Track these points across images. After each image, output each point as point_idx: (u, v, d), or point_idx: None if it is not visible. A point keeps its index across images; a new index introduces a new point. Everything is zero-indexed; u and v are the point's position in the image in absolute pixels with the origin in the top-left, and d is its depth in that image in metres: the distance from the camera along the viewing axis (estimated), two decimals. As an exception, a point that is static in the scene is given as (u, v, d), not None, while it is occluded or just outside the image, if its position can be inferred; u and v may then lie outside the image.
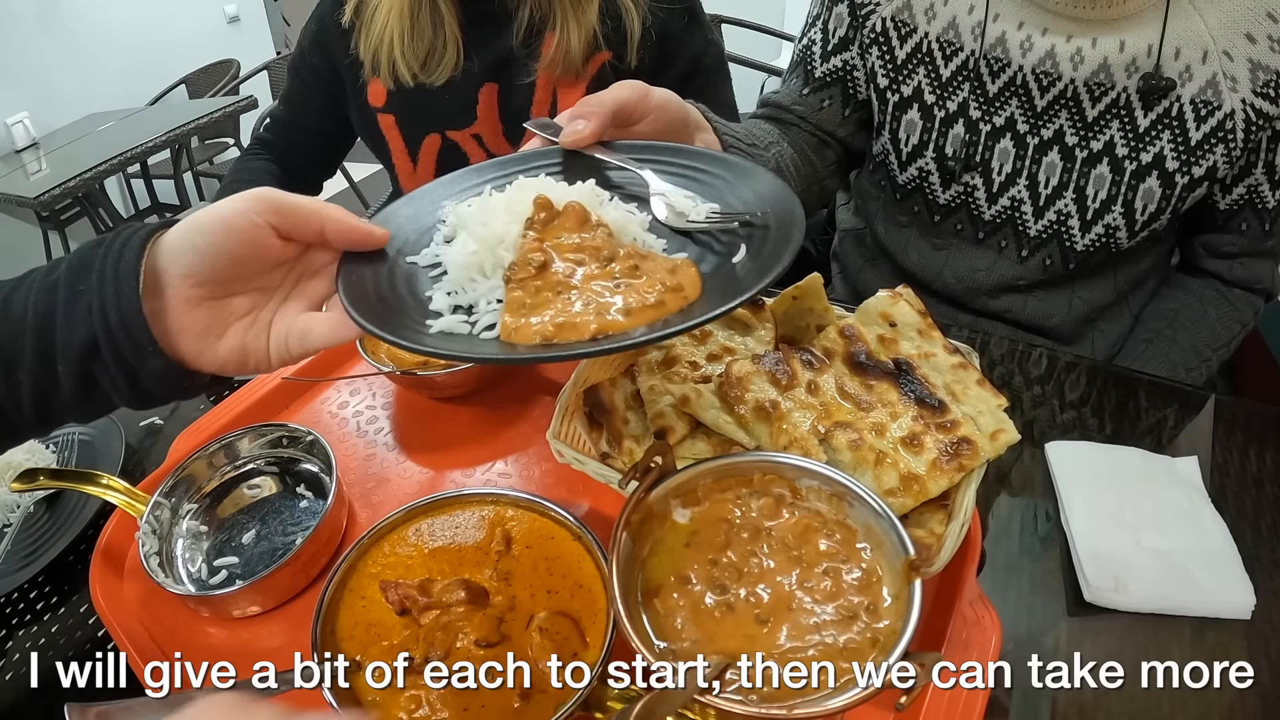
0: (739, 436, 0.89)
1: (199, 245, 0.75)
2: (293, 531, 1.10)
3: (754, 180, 0.86)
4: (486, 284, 0.78)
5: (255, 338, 0.80)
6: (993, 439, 0.87)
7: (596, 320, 0.71)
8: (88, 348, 0.73)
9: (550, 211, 0.82)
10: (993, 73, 1.39)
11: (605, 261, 0.77)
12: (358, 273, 0.79)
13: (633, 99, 0.95)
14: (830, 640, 0.62)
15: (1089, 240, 1.46)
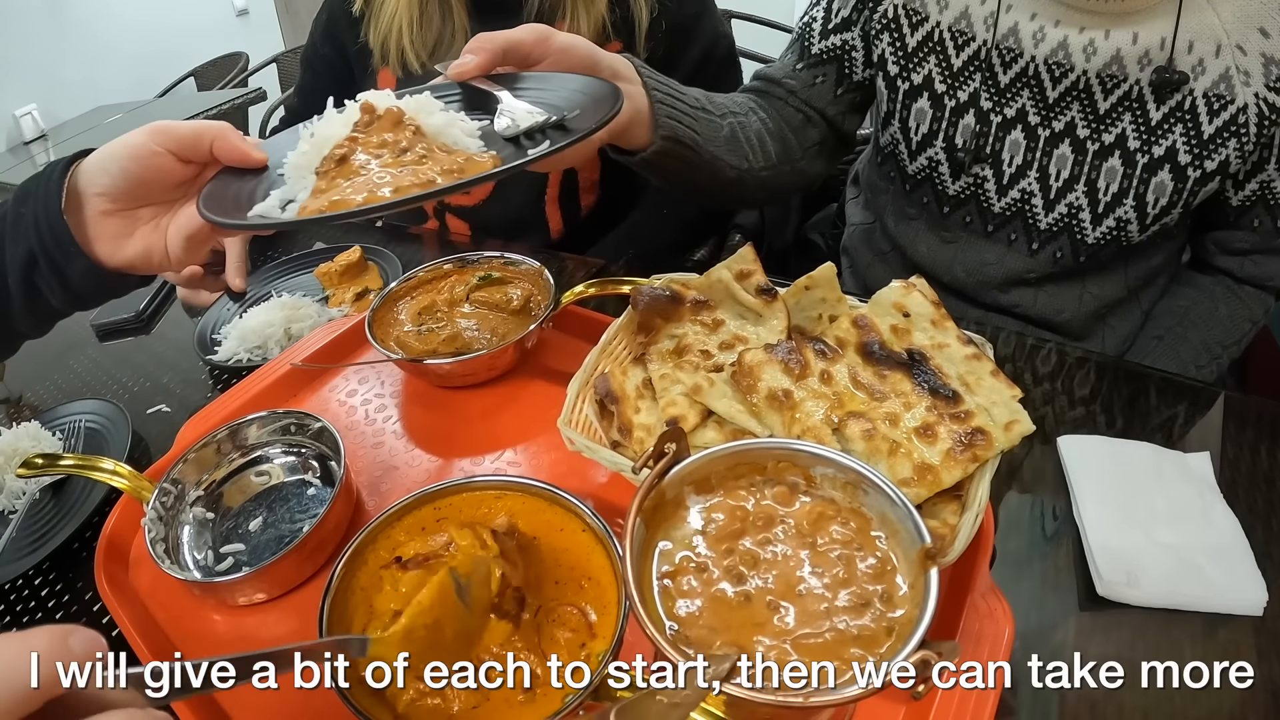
0: (751, 426, 0.89)
1: (110, 170, 0.93)
2: (300, 519, 1.10)
3: (590, 89, 1.02)
4: (310, 179, 0.92)
5: (156, 240, 0.97)
6: (1007, 430, 0.86)
7: (365, 196, 0.85)
8: (29, 259, 0.93)
9: (371, 115, 0.97)
10: (1004, 63, 1.39)
11: (400, 153, 0.92)
12: (227, 179, 0.96)
13: (529, 40, 1.08)
14: (844, 627, 0.61)
15: (1100, 233, 1.45)
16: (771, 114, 1.55)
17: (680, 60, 1.75)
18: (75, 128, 5.21)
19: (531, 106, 0.99)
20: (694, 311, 1.02)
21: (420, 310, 1.31)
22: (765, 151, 1.49)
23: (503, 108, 1.00)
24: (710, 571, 0.65)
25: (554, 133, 0.95)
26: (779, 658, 0.60)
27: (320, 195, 0.88)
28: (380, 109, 0.98)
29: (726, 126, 1.41)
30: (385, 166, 0.90)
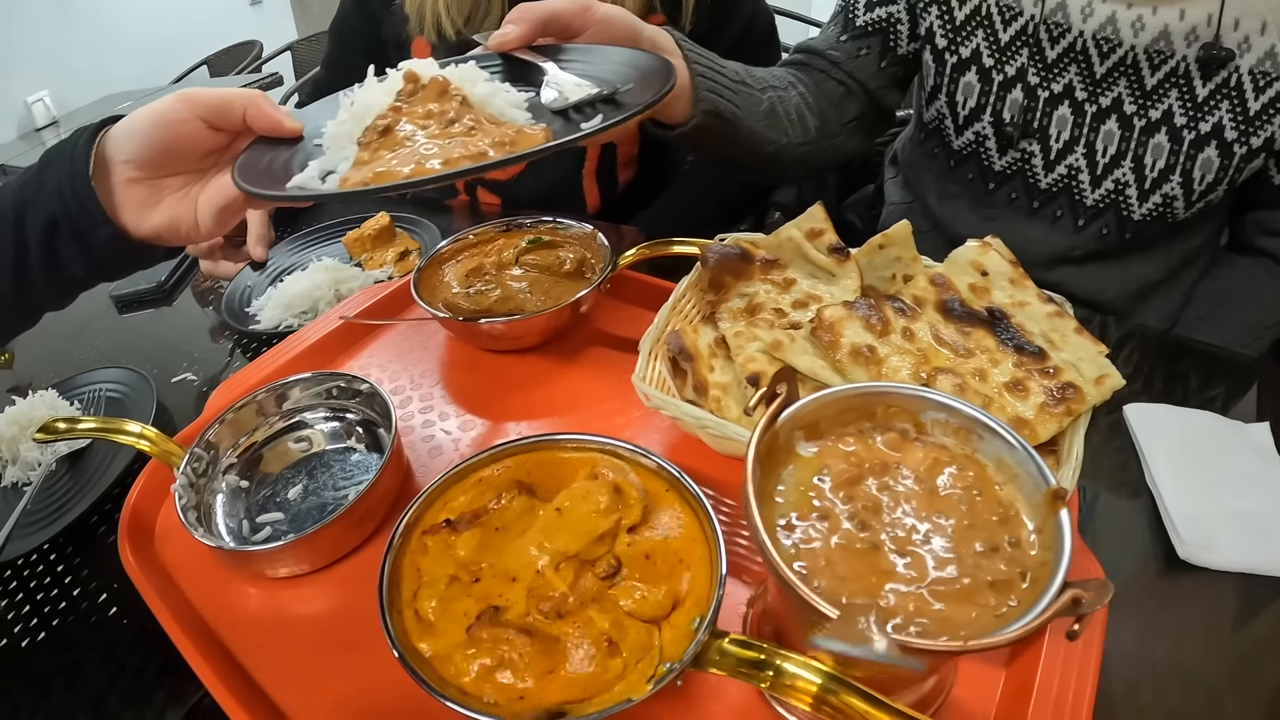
0: (835, 382, 0.87)
1: (137, 137, 0.90)
2: (344, 486, 1.05)
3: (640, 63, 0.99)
4: (351, 149, 0.89)
5: (184, 210, 0.94)
6: (1098, 384, 0.85)
7: (413, 169, 0.82)
8: (50, 225, 0.90)
9: (415, 84, 0.95)
10: (1052, 38, 1.38)
11: (448, 124, 0.89)
12: (262, 149, 0.93)
13: (570, 11, 1.06)
14: (977, 573, 0.60)
15: (1146, 209, 1.44)
16: (811, 88, 1.54)
17: (721, 34, 1.73)
18: (87, 115, 5.19)
19: (579, 79, 0.96)
20: (764, 270, 1.01)
21: (468, 273, 1.29)
22: (804, 126, 1.48)
23: (549, 79, 0.98)
24: (833, 519, 0.63)
25: (604, 107, 0.93)
26: (918, 605, 0.58)
27: (363, 166, 0.85)
28: (425, 78, 0.95)
29: (766, 101, 1.40)
30: (432, 138, 0.87)
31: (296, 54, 5.69)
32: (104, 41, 5.56)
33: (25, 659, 0.98)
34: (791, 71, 1.56)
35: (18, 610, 1.04)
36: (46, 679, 0.95)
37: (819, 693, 0.60)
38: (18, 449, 1.28)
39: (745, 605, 0.83)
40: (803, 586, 0.56)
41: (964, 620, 0.58)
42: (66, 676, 0.95)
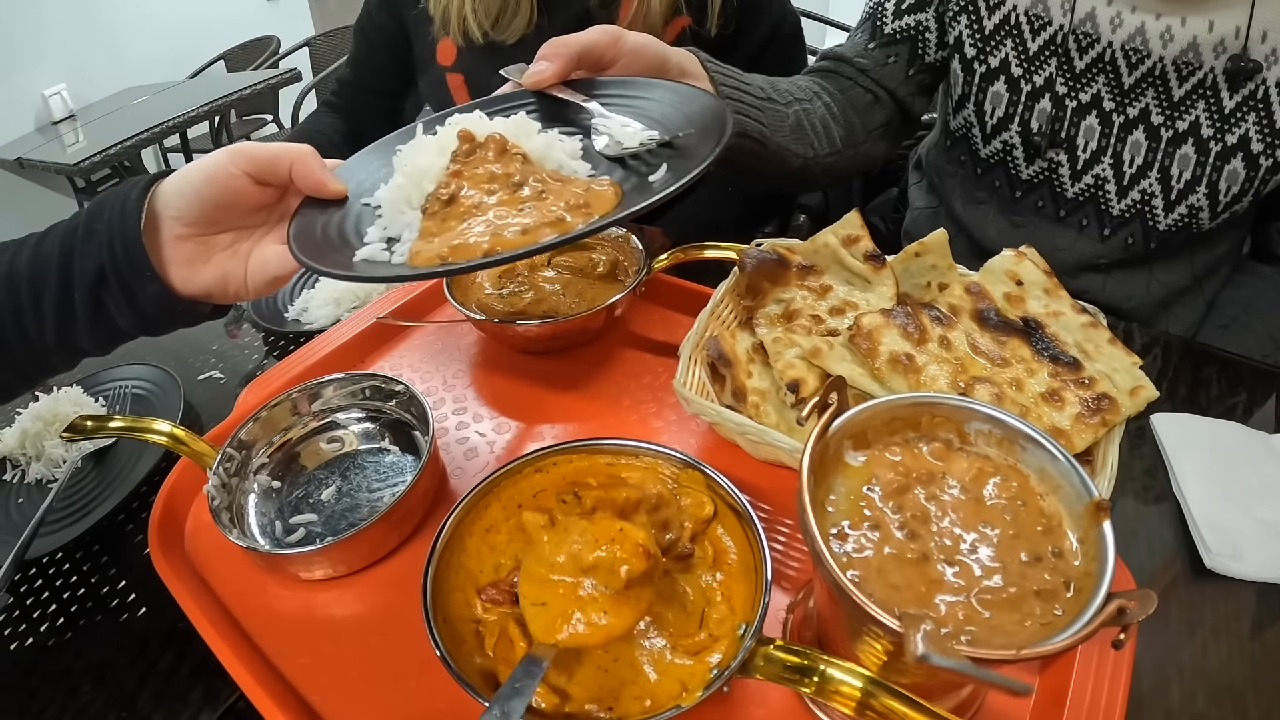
0: (873, 389, 0.88)
1: (186, 193, 0.89)
2: (378, 488, 1.05)
3: (691, 104, 0.94)
4: (411, 215, 0.86)
5: (234, 267, 0.93)
6: (1132, 395, 0.86)
7: (491, 240, 0.78)
8: (98, 275, 0.88)
9: (471, 144, 0.91)
10: (1081, 48, 1.38)
11: (515, 188, 0.85)
12: (312, 214, 0.91)
13: (602, 42, 1.04)
14: (1023, 583, 0.61)
15: (1172, 220, 1.45)
16: (837, 96, 1.54)
17: (748, 37, 1.73)
18: (104, 108, 5.23)
19: (625, 120, 0.94)
20: (800, 276, 1.02)
21: (500, 274, 1.30)
22: (830, 137, 1.48)
23: (598, 122, 0.95)
24: (884, 528, 0.64)
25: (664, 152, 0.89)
26: (967, 614, 0.59)
27: (431, 239, 0.82)
28: (480, 135, 0.93)
29: (791, 115, 1.40)
30: (503, 204, 0.84)
31: (314, 49, 5.71)
32: (121, 36, 5.60)
33: (52, 657, 0.99)
34: (816, 80, 1.56)
35: (44, 609, 1.05)
36: (74, 678, 0.96)
37: (862, 697, 0.62)
38: (42, 445, 1.28)
39: (785, 611, 0.84)
40: (861, 596, 0.57)
41: (1012, 629, 0.59)
42: (95, 676, 0.96)
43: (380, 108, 2.08)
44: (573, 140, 0.94)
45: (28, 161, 4.57)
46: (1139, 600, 0.54)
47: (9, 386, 0.98)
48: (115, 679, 0.95)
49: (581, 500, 0.81)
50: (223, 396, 1.38)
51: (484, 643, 0.76)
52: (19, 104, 5.18)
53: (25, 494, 1.25)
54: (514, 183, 0.86)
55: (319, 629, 0.92)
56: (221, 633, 0.88)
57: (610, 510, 0.80)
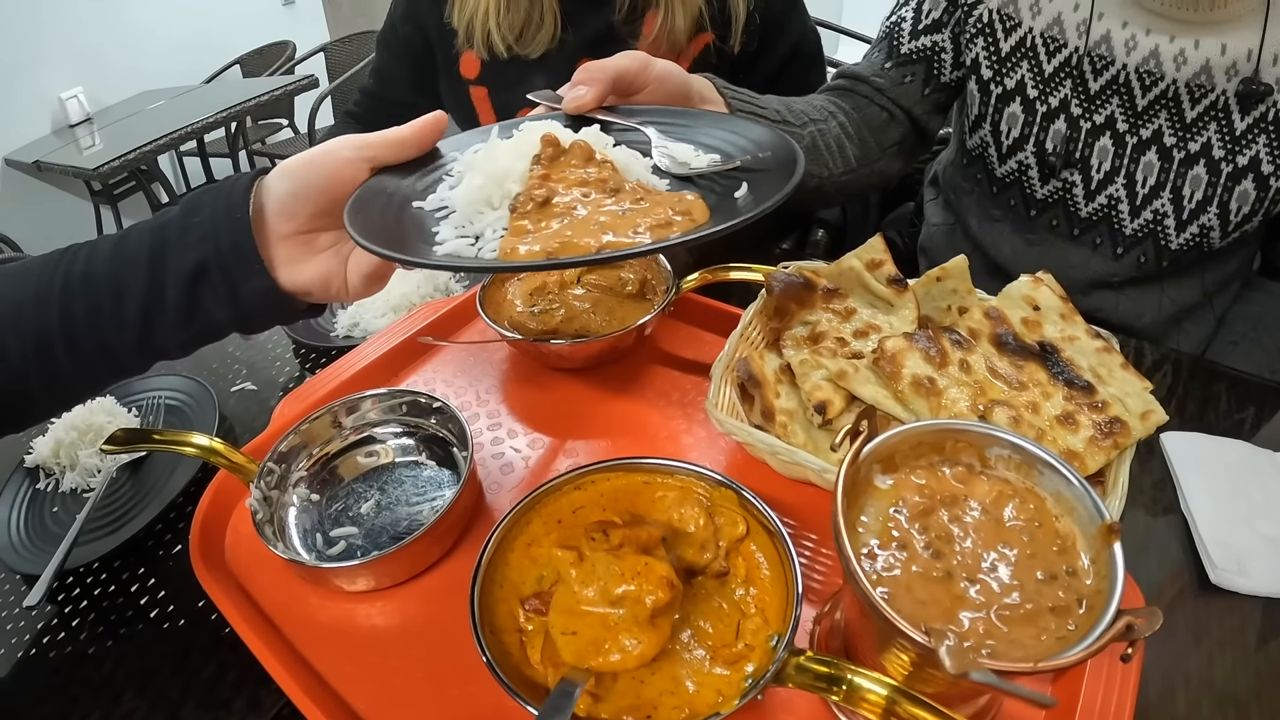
0: (896, 411, 0.92)
1: (287, 182, 0.88)
2: (417, 502, 1.07)
3: (751, 131, 0.94)
4: (493, 215, 0.84)
5: (337, 267, 0.92)
6: (1143, 419, 0.90)
7: (598, 240, 0.77)
8: (198, 270, 0.86)
9: (556, 149, 0.90)
10: (1095, 70, 1.41)
11: (611, 193, 0.84)
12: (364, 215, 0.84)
13: (634, 68, 1.04)
14: (1039, 600, 0.65)
15: (1183, 239, 1.48)
16: (852, 115, 1.57)
17: (769, 54, 1.76)
18: (120, 112, 5.27)
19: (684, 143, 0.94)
20: (826, 299, 1.06)
21: (531, 291, 1.32)
22: (845, 157, 1.52)
23: (658, 145, 0.94)
24: (911, 548, 0.68)
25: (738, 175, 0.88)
26: (987, 629, 0.63)
27: (525, 236, 0.79)
28: (565, 142, 0.91)
29: (807, 136, 1.43)
30: (602, 207, 0.82)
31: (330, 55, 5.76)
32: (138, 39, 5.64)
33: (94, 665, 1.01)
34: (831, 99, 1.59)
35: (83, 617, 1.07)
36: (116, 686, 0.98)
37: (887, 705, 0.66)
38: (76, 455, 1.29)
39: (812, 623, 0.88)
40: (891, 612, 0.61)
41: (1029, 642, 0.63)
42: (137, 684, 0.97)
43: (402, 119, 2.09)
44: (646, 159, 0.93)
45: (45, 164, 4.61)
46: (1146, 617, 0.58)
47: (73, 392, 0.97)
48: (158, 688, 0.96)
49: (609, 537, 0.84)
50: (255, 408, 1.41)
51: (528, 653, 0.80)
52: (36, 106, 5.23)
53: (60, 503, 1.26)
54: (610, 188, 0.85)
55: (361, 639, 0.94)
56: (267, 642, 0.90)
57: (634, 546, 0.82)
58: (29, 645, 1.05)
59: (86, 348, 0.88)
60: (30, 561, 1.15)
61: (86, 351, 0.88)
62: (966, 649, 0.61)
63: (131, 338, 0.88)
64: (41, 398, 0.93)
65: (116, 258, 0.87)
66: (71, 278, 0.87)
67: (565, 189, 0.85)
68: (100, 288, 0.86)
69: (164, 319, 0.87)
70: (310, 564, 0.97)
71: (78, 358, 0.88)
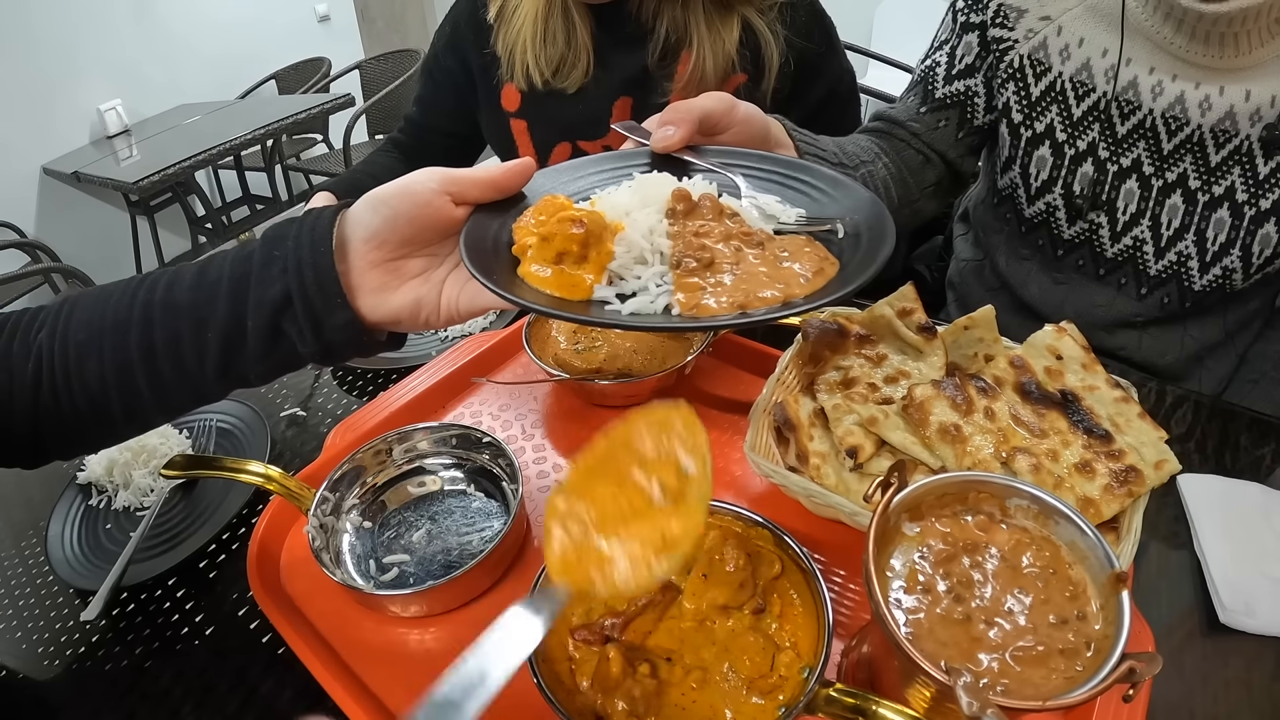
0: (924, 457, 0.97)
1: (380, 210, 0.88)
2: (467, 532, 1.11)
3: (839, 188, 0.94)
4: (649, 270, 0.84)
5: (429, 293, 0.92)
6: (1157, 468, 0.95)
7: (783, 292, 0.79)
8: (281, 302, 0.86)
9: (688, 203, 0.90)
10: (1123, 115, 1.45)
11: (756, 246, 0.85)
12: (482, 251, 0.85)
13: (719, 109, 1.05)
14: (1050, 642, 0.70)
15: (1206, 281, 1.51)
16: (892, 156, 1.60)
17: (805, 96, 1.79)
18: (157, 125, 5.38)
19: (774, 194, 0.94)
20: (858, 345, 1.11)
21: (576, 328, 1.37)
22: (889, 197, 1.54)
23: (748, 195, 0.94)
24: (934, 593, 0.74)
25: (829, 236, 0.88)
26: (1001, 669, 0.69)
27: (704, 291, 0.80)
28: (695, 194, 0.91)
29: (860, 178, 1.46)
30: (760, 262, 0.83)
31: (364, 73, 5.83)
32: (176, 53, 5.75)
33: (151, 679, 1.05)
34: (874, 141, 1.62)
35: (139, 633, 1.11)
36: (174, 701, 1.01)
37: (909, 736, 0.72)
38: (130, 475, 1.34)
39: (840, 655, 0.93)
40: (916, 653, 0.67)
41: (1039, 682, 0.68)
42: (196, 699, 1.01)
43: (443, 147, 2.14)
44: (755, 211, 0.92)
45: (85, 175, 4.71)
46: (1147, 661, 0.64)
47: (152, 417, 0.97)
48: (216, 703, 1.00)
49: None
50: (304, 434, 1.45)
51: (577, 680, 0.85)
52: (75, 118, 5.35)
53: (114, 520, 1.31)
54: (756, 242, 0.86)
55: (414, 662, 0.99)
56: (324, 663, 0.95)
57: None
58: (86, 658, 1.10)
59: (167, 375, 0.89)
60: (86, 577, 1.20)
61: (166, 379, 0.89)
62: (982, 687, 0.66)
63: (212, 367, 0.89)
64: (121, 422, 0.95)
65: (198, 287, 0.88)
66: (152, 305, 0.88)
67: (713, 243, 0.86)
68: (181, 316, 0.88)
69: (245, 349, 0.88)
70: (367, 591, 1.01)
71: (157, 385, 0.90)
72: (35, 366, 0.90)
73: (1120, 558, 0.87)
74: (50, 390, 0.90)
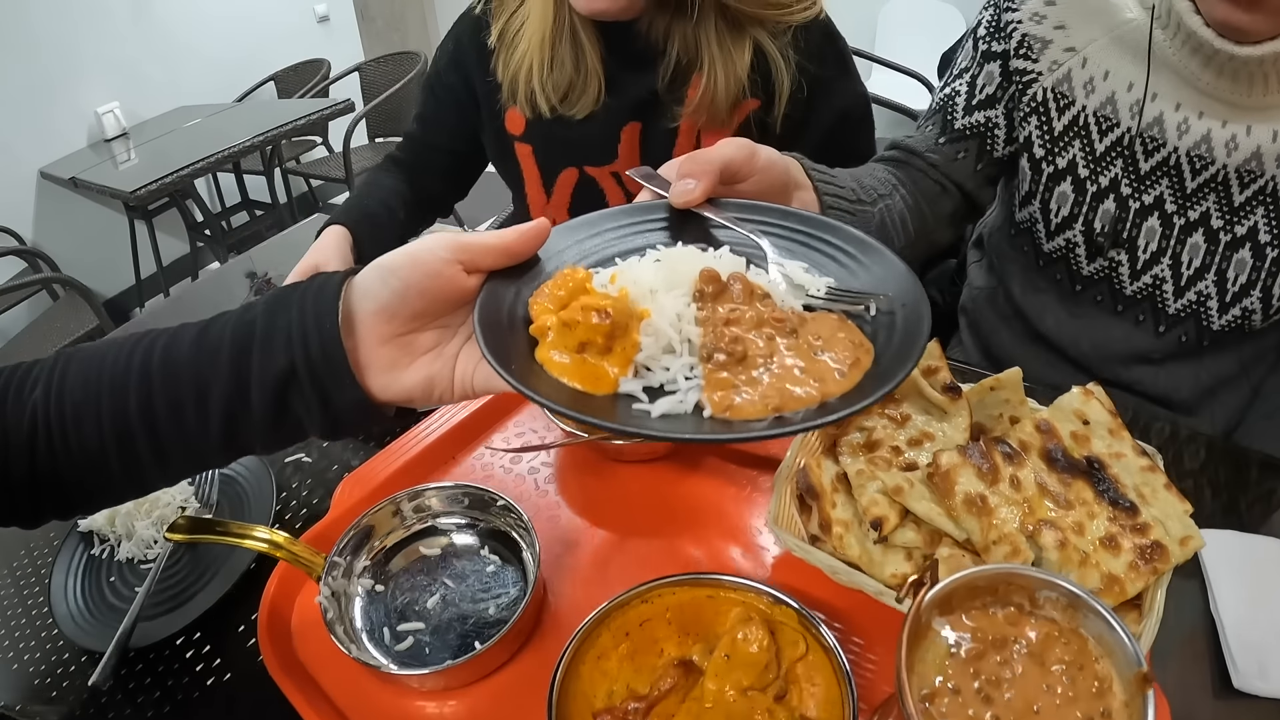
0: (948, 528, 0.96)
1: (389, 281, 0.82)
2: (483, 599, 1.08)
3: (868, 252, 0.89)
4: (677, 362, 0.79)
5: (441, 369, 0.86)
6: (1182, 545, 0.93)
7: (820, 389, 0.74)
8: (285, 375, 0.81)
9: (718, 285, 0.83)
10: (1147, 151, 1.43)
11: (790, 334, 0.80)
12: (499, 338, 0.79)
13: (740, 158, 0.99)
14: (1074, 742, 0.69)
15: (1225, 320, 1.50)
16: (910, 187, 1.57)
17: (817, 121, 1.75)
18: (156, 129, 5.36)
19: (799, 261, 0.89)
20: (881, 405, 1.09)
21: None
22: (906, 231, 1.51)
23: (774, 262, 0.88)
24: (965, 691, 0.72)
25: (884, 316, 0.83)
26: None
27: (735, 388, 0.75)
28: (724, 274, 0.84)
29: (877, 215, 1.43)
30: (794, 352, 0.78)
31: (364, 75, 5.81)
32: (174, 55, 5.72)
33: None
34: (891, 171, 1.58)
35: (148, 695, 1.10)
36: None
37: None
38: (133, 525, 1.31)
39: (862, 731, 0.93)
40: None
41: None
42: None
43: (446, 167, 2.11)
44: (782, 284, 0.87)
45: (82, 182, 4.68)
46: None
47: (152, 480, 0.92)
48: None
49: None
50: (312, 480, 1.42)
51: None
52: (72, 121, 5.33)
53: (117, 573, 1.29)
54: (788, 329, 0.80)
55: None
56: None
57: None
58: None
59: (168, 441, 0.85)
60: (91, 636, 1.18)
61: (168, 445, 0.85)
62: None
63: (216, 436, 0.84)
64: (121, 485, 0.91)
65: (198, 352, 0.84)
66: (150, 368, 0.84)
67: (743, 330, 0.80)
68: (182, 381, 0.83)
69: (250, 421, 0.84)
70: (384, 670, 1.00)
71: (158, 450, 0.85)
72: (30, 427, 0.85)
73: (1143, 636, 0.87)
74: (47, 452, 0.85)
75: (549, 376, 0.77)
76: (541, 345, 0.79)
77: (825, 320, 0.81)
